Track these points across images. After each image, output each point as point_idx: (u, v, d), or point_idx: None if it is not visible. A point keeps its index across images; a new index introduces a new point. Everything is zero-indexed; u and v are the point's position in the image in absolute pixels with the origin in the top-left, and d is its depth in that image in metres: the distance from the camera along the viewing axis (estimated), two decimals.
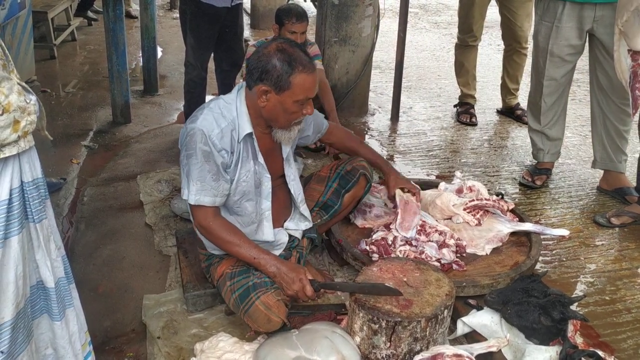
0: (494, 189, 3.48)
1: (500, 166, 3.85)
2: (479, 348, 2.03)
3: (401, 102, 4.62)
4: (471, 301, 2.32)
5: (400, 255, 2.42)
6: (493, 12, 4.70)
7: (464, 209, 2.75)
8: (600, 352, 1.98)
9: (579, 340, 2.11)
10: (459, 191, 2.91)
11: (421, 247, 2.50)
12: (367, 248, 2.53)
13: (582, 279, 2.70)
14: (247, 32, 6.78)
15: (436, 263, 2.42)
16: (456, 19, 4.66)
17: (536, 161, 3.66)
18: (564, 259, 2.83)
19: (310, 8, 6.93)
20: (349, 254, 2.55)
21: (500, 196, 2.89)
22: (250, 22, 7.43)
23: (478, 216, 2.74)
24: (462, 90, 4.68)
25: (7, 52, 1.49)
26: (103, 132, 4.26)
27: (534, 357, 2.00)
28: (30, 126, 1.49)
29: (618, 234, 3.06)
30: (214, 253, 2.30)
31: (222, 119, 2.11)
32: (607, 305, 2.51)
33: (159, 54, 5.74)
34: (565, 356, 1.96)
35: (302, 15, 3.54)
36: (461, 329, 2.19)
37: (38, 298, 1.66)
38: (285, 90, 2.04)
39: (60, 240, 1.70)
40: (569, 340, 2.02)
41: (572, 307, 2.16)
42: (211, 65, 4.02)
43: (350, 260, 2.56)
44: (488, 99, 5.06)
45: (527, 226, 2.72)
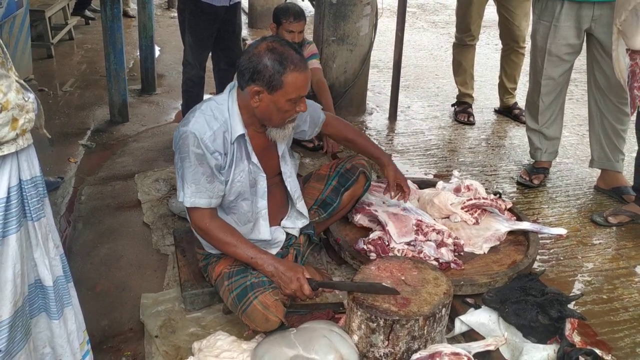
0: (491, 188, 3.49)
1: (498, 165, 3.86)
2: (476, 347, 2.03)
3: (399, 101, 4.62)
4: (469, 300, 2.33)
5: (399, 255, 2.43)
6: (491, 12, 4.70)
7: (462, 208, 2.75)
8: (597, 351, 1.98)
9: (577, 339, 2.12)
10: (457, 190, 2.91)
11: (419, 246, 2.50)
12: (365, 247, 2.53)
13: (579, 277, 2.70)
14: (244, 31, 6.78)
15: (434, 262, 2.43)
16: (454, 18, 4.66)
17: (534, 160, 3.67)
18: (562, 258, 2.83)
19: (307, 7, 6.92)
20: (347, 253, 2.55)
21: (498, 195, 2.90)
22: (247, 21, 7.42)
23: (476, 215, 2.75)
24: (459, 90, 4.68)
25: (5, 49, 1.48)
26: (101, 131, 4.26)
27: (531, 355, 2.01)
28: (28, 124, 1.49)
29: (615, 233, 3.07)
30: (211, 252, 2.30)
31: (214, 120, 2.09)
32: (605, 303, 2.52)
33: (157, 53, 5.74)
34: (562, 354, 1.96)
35: (299, 14, 3.53)
36: (459, 327, 2.19)
37: (36, 296, 1.66)
38: (278, 90, 2.02)
39: (59, 238, 1.70)
40: (567, 338, 2.03)
41: (570, 306, 2.17)
42: (209, 64, 4.01)
43: (348, 259, 2.56)
44: (486, 98, 5.07)
45: (525, 225, 2.73)
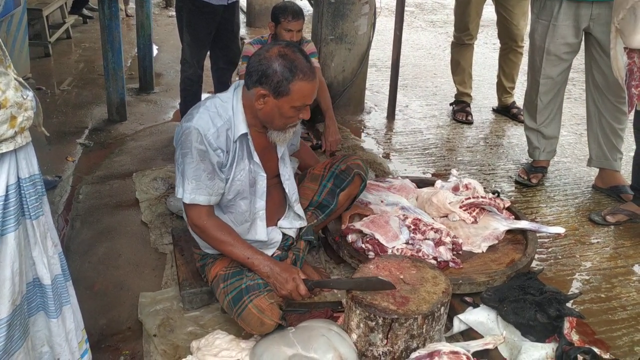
0: (490, 187, 3.49)
1: (496, 164, 3.86)
2: (475, 345, 2.03)
3: (397, 100, 4.62)
4: (468, 299, 2.33)
5: (397, 253, 2.42)
6: (489, 11, 4.71)
7: (460, 207, 2.75)
8: (595, 349, 1.99)
9: (575, 338, 2.12)
10: (455, 189, 2.91)
11: (418, 245, 2.50)
12: (363, 246, 2.53)
13: (577, 276, 2.71)
14: (242, 30, 6.77)
15: (433, 261, 2.43)
16: (452, 17, 4.66)
17: (532, 159, 3.67)
18: (560, 257, 2.84)
19: (306, 6, 6.92)
20: (345, 252, 2.55)
21: (497, 194, 2.90)
22: (246, 20, 7.42)
23: (474, 214, 2.75)
24: (458, 89, 4.69)
25: (3, 47, 1.48)
26: (98, 129, 4.25)
27: (530, 354, 2.01)
28: (27, 122, 1.48)
29: (613, 232, 3.07)
30: (208, 252, 2.29)
31: (218, 117, 2.09)
32: (603, 302, 2.52)
33: (155, 51, 5.74)
34: (561, 353, 1.96)
35: (298, 13, 3.53)
36: (457, 326, 2.19)
37: (34, 295, 1.65)
38: (284, 96, 2.03)
39: (57, 237, 1.69)
40: (565, 337, 2.03)
41: (568, 305, 2.17)
42: (207, 63, 4.01)
43: (347, 257, 2.56)
44: (484, 97, 5.07)
45: (523, 224, 2.73)
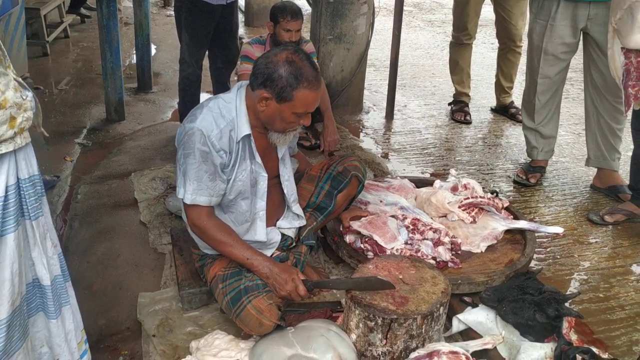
0: (488, 186, 3.50)
1: (495, 164, 3.86)
2: (474, 345, 2.03)
3: (396, 100, 4.63)
4: (467, 298, 2.33)
5: (396, 253, 2.43)
6: (487, 11, 4.71)
7: (459, 207, 2.75)
8: (594, 349, 1.99)
9: (574, 337, 2.13)
10: (454, 189, 2.92)
11: (417, 245, 2.50)
12: (362, 246, 2.53)
13: (576, 276, 2.71)
14: (241, 30, 6.77)
15: (432, 261, 2.43)
16: (450, 17, 4.67)
17: (530, 159, 3.68)
18: (558, 257, 2.84)
19: (304, 6, 6.92)
20: (344, 252, 2.55)
21: (495, 194, 2.90)
22: (244, 19, 7.41)
23: (473, 214, 2.75)
24: (456, 89, 4.69)
25: (2, 48, 1.47)
26: (97, 129, 4.24)
27: (529, 353, 2.01)
28: (26, 122, 1.48)
29: (611, 232, 3.08)
30: (207, 253, 2.29)
31: (221, 119, 2.09)
32: (601, 302, 2.53)
33: (153, 51, 5.73)
34: (560, 353, 1.97)
35: (297, 13, 3.53)
36: (457, 326, 2.19)
37: (34, 296, 1.65)
38: (287, 102, 2.03)
39: (57, 237, 1.69)
40: (564, 337, 2.03)
41: (567, 304, 2.17)
42: (205, 62, 4.01)
43: (345, 258, 2.56)
44: (482, 97, 5.08)
45: (522, 224, 2.73)
